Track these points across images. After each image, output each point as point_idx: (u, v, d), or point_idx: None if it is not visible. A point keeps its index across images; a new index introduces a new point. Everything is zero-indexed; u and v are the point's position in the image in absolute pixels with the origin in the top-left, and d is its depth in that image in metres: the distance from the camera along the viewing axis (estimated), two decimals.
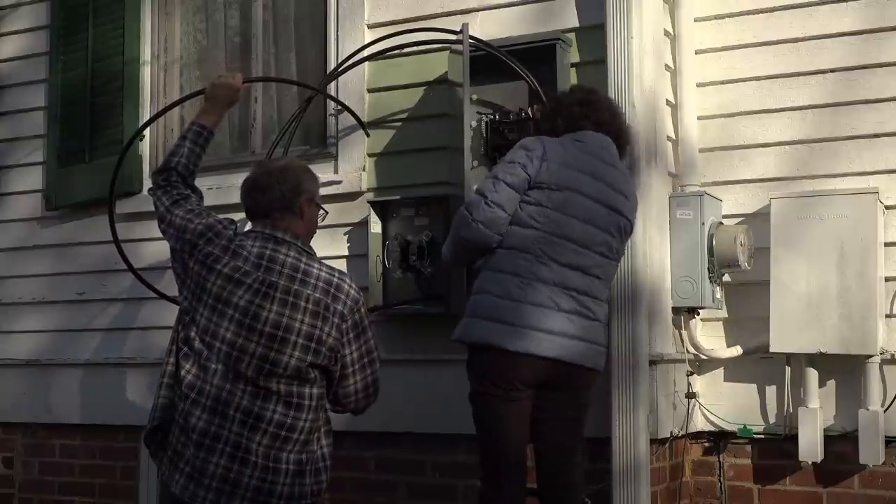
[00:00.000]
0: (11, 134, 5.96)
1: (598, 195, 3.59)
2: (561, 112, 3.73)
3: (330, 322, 3.33)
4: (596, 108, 3.72)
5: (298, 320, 3.29)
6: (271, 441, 3.26)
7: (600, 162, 3.64)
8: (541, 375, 3.53)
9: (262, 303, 3.28)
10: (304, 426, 3.32)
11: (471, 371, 3.62)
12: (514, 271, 3.51)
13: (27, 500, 5.77)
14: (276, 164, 3.57)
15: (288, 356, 3.27)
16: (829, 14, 4.50)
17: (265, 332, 3.27)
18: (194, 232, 3.41)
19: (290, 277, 3.31)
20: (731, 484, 4.57)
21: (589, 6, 4.43)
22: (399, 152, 4.81)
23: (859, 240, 4.24)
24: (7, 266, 5.92)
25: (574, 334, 3.52)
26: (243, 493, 3.24)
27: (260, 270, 3.31)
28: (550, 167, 3.52)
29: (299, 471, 3.30)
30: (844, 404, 4.38)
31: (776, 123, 4.58)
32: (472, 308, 3.59)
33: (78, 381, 5.60)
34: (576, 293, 3.53)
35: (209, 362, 3.28)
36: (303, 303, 3.30)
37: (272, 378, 3.28)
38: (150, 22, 5.61)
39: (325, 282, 3.35)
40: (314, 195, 3.51)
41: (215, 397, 3.26)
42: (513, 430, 3.58)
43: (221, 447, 3.24)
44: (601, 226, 3.59)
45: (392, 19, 4.85)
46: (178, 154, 3.65)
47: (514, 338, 3.47)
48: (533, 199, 3.52)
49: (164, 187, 3.60)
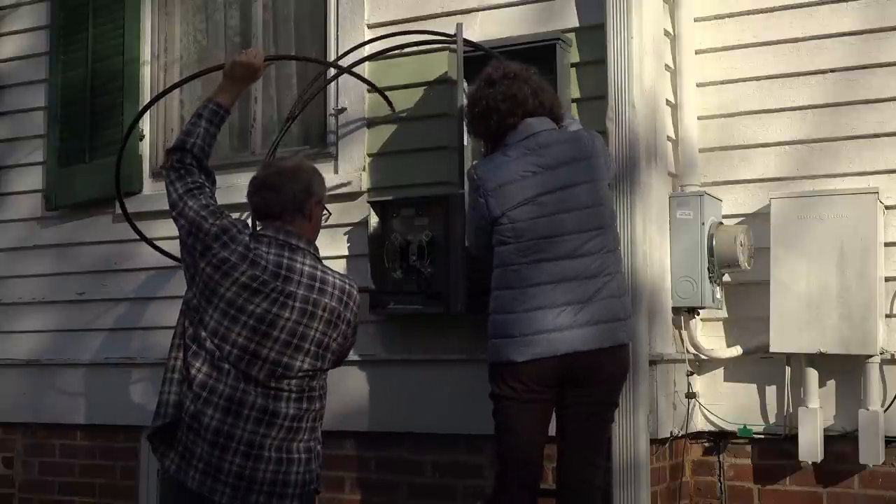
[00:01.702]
0: (11, 134, 5.96)
1: (548, 185, 3.62)
2: (490, 115, 3.72)
3: (339, 329, 3.42)
4: (519, 100, 3.69)
5: (314, 328, 3.34)
6: (285, 434, 3.32)
7: (536, 149, 3.65)
8: (555, 373, 3.56)
9: (279, 311, 3.31)
10: (313, 415, 3.40)
11: (489, 375, 3.69)
12: (506, 286, 3.61)
13: (27, 500, 5.77)
14: (287, 164, 3.55)
15: (300, 362, 3.33)
16: (829, 14, 4.50)
17: (280, 338, 3.30)
18: (208, 233, 3.36)
19: (308, 287, 3.34)
20: (731, 484, 4.57)
21: (589, 6, 4.43)
22: (399, 152, 4.81)
23: (859, 240, 4.24)
24: (7, 266, 5.92)
25: (572, 324, 3.54)
26: (259, 488, 3.28)
27: (279, 280, 3.31)
28: (493, 197, 3.63)
29: (309, 458, 3.37)
30: (844, 404, 4.38)
31: (776, 123, 4.57)
32: (489, 329, 3.69)
33: (78, 381, 5.60)
34: (572, 281, 3.56)
35: (222, 363, 3.30)
36: (320, 311, 3.35)
37: (283, 380, 3.32)
38: (150, 22, 5.60)
39: (340, 290, 3.41)
40: (322, 197, 3.52)
41: (228, 397, 3.28)
42: (525, 429, 3.61)
43: (235, 446, 3.27)
44: (567, 208, 3.61)
45: (392, 19, 4.85)
46: (193, 134, 3.56)
47: (520, 347, 3.55)
48: (498, 223, 3.64)
49: (178, 170, 3.51)
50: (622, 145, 4.24)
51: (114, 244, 5.54)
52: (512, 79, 3.72)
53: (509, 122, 3.69)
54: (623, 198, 4.22)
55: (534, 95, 3.72)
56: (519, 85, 3.71)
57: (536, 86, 3.75)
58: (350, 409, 4.75)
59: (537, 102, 3.71)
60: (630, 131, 4.25)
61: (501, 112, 3.69)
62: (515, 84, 3.71)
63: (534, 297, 3.55)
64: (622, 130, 4.25)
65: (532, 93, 3.71)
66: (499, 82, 3.73)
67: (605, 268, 3.61)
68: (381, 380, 4.77)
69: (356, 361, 4.80)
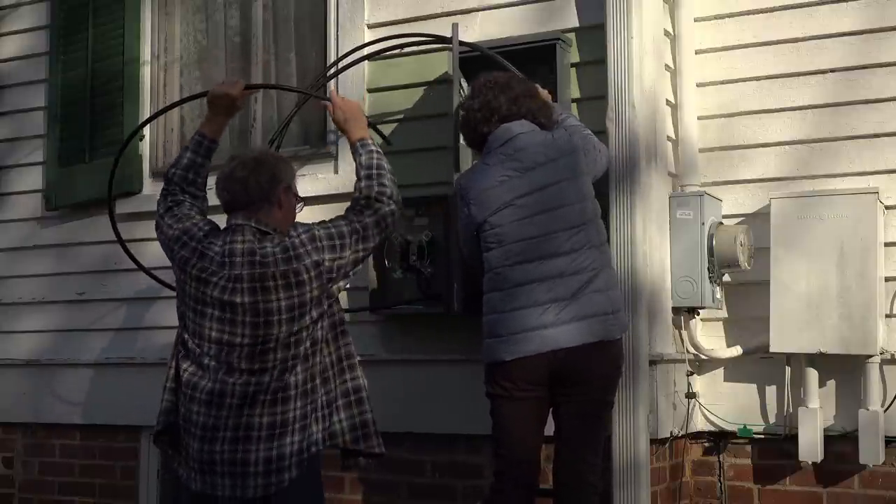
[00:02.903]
0: (11, 134, 5.96)
1: (525, 187, 3.67)
2: (468, 124, 3.85)
3: (305, 281, 3.33)
4: (493, 106, 3.76)
5: (274, 300, 3.30)
6: (271, 408, 3.28)
7: (512, 154, 3.70)
8: (544, 371, 3.59)
9: (232, 298, 3.31)
10: (305, 377, 3.34)
11: (484, 376, 3.74)
12: (495, 288, 3.68)
13: (27, 500, 5.77)
14: (250, 156, 3.57)
15: (275, 336, 3.29)
16: (829, 14, 4.50)
17: (246, 321, 3.29)
18: (171, 237, 3.47)
19: (250, 264, 3.32)
20: (731, 484, 4.57)
21: (589, 6, 4.43)
22: (399, 152, 4.81)
23: (859, 240, 4.24)
24: (7, 266, 5.92)
25: (556, 321, 3.57)
26: (255, 469, 3.27)
27: (225, 268, 3.34)
28: (475, 205, 3.71)
29: (305, 425, 3.33)
30: (844, 404, 4.38)
31: (776, 123, 4.57)
32: (482, 331, 3.73)
33: (78, 381, 5.60)
34: (556, 279, 3.59)
35: (203, 359, 3.32)
36: (270, 282, 3.31)
37: (266, 356, 3.30)
38: (150, 22, 5.61)
39: (282, 250, 3.34)
40: (291, 183, 3.52)
41: (209, 390, 3.30)
42: (518, 428, 3.65)
43: (222, 434, 3.28)
44: (546, 208, 3.65)
45: (392, 19, 4.85)
46: (176, 164, 3.69)
47: (508, 346, 3.60)
48: (482, 229, 3.71)
49: (164, 195, 3.64)
50: (622, 145, 4.24)
51: (114, 244, 5.51)
52: (491, 87, 3.81)
53: (484, 129, 3.79)
54: (623, 198, 4.22)
55: (511, 102, 3.77)
56: (495, 93, 3.79)
57: (517, 94, 3.80)
58: None
59: (514, 109, 3.77)
60: (630, 131, 4.24)
61: (478, 120, 3.80)
62: (492, 92, 3.80)
63: (519, 297, 3.61)
64: (622, 130, 4.25)
65: (509, 101, 3.77)
66: (479, 92, 3.83)
67: (588, 263, 3.64)
68: (381, 380, 4.76)
69: None
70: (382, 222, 3.50)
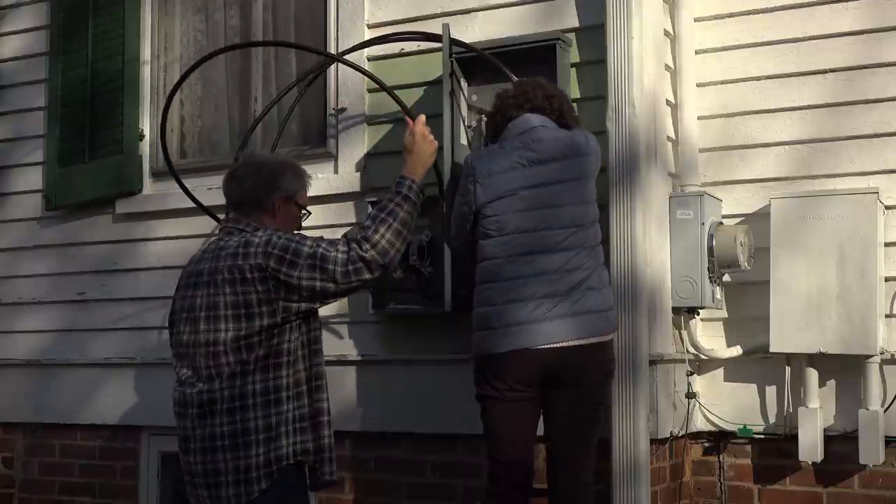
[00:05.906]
0: (11, 134, 5.96)
1: (532, 180, 3.68)
2: (501, 111, 3.86)
3: (249, 280, 3.19)
4: (529, 96, 3.80)
5: (221, 294, 3.22)
6: (230, 417, 3.19)
7: (530, 143, 3.72)
8: (536, 371, 3.60)
9: (193, 293, 3.29)
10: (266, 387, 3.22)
11: (474, 375, 3.75)
12: (489, 279, 3.68)
13: (27, 500, 5.77)
14: (256, 158, 3.55)
15: (224, 332, 3.20)
16: (829, 14, 4.50)
17: (200, 317, 3.25)
18: None
19: (211, 258, 3.29)
20: (732, 484, 4.57)
21: (589, 6, 4.43)
22: (399, 152, 4.79)
23: (859, 240, 4.24)
24: (7, 266, 5.92)
25: (549, 315, 3.57)
26: (225, 479, 3.20)
27: (191, 265, 3.35)
28: (481, 185, 3.70)
29: (269, 437, 3.21)
30: (844, 404, 4.38)
31: (776, 123, 4.57)
32: (472, 324, 3.74)
33: (78, 381, 5.60)
34: (551, 274, 3.60)
35: (176, 369, 3.32)
36: (218, 276, 3.23)
37: (220, 359, 3.20)
38: (150, 22, 5.60)
39: (235, 246, 3.24)
40: (294, 194, 3.41)
41: (180, 402, 3.29)
42: (510, 429, 3.66)
43: (194, 446, 3.25)
44: (547, 203, 3.66)
45: (392, 19, 4.85)
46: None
47: (499, 338, 3.60)
48: (482, 214, 3.71)
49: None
50: (622, 145, 4.25)
51: (114, 244, 5.54)
52: (531, 83, 3.87)
53: (513, 114, 3.80)
54: (623, 198, 4.22)
55: (546, 98, 3.82)
56: (533, 87, 3.84)
57: (553, 92, 3.86)
58: (349, 409, 4.75)
59: (546, 104, 3.80)
60: (630, 131, 4.24)
61: (509, 105, 3.82)
62: (530, 86, 3.85)
63: (513, 290, 3.61)
64: (622, 130, 4.25)
65: (545, 96, 3.82)
66: (518, 84, 3.90)
67: (584, 262, 3.65)
68: (381, 380, 4.78)
69: (356, 361, 4.80)
70: (352, 265, 3.19)
